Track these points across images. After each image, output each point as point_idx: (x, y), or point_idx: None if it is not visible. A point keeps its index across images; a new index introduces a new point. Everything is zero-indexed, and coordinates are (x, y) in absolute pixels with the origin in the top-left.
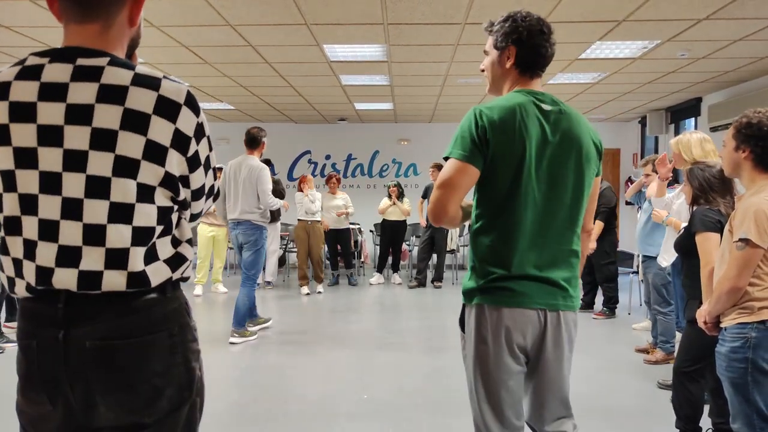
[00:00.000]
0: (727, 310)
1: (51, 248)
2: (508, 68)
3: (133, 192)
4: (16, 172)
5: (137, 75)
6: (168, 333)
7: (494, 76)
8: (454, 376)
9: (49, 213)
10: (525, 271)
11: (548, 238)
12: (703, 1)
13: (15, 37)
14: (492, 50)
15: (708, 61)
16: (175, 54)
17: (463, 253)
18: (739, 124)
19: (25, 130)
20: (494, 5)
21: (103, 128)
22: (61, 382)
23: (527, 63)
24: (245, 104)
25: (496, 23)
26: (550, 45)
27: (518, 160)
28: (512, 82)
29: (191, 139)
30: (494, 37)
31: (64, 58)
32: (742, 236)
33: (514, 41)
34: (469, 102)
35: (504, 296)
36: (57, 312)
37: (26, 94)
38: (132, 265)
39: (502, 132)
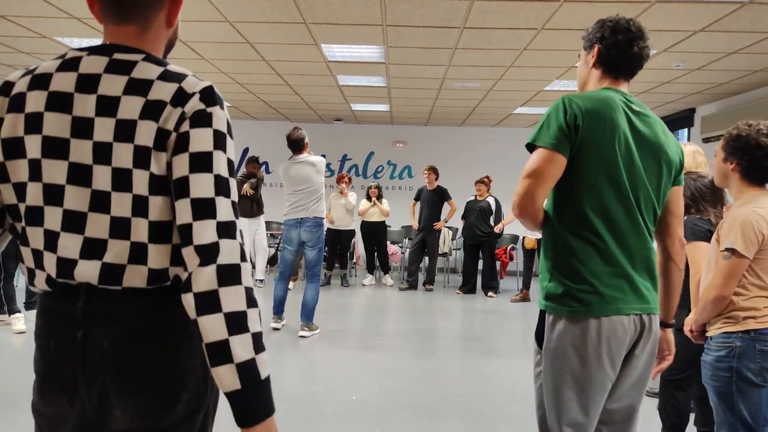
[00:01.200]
0: (713, 319)
1: (75, 240)
2: (592, 66)
3: (146, 183)
4: (43, 161)
5: (166, 71)
6: (187, 336)
7: (581, 76)
8: (444, 378)
9: (76, 204)
10: (621, 271)
11: (636, 237)
12: (698, 13)
13: (9, 27)
14: (582, 52)
15: (702, 73)
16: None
17: (455, 256)
18: (729, 136)
19: (60, 120)
20: (493, 11)
21: (125, 119)
22: (79, 383)
23: (610, 61)
24: (242, 102)
25: (588, 29)
26: (638, 45)
27: (608, 149)
28: (596, 81)
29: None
30: (584, 40)
31: (102, 52)
32: (728, 246)
33: (598, 39)
34: (466, 106)
35: (603, 303)
36: (76, 310)
37: (65, 85)
38: (152, 262)
39: (593, 120)
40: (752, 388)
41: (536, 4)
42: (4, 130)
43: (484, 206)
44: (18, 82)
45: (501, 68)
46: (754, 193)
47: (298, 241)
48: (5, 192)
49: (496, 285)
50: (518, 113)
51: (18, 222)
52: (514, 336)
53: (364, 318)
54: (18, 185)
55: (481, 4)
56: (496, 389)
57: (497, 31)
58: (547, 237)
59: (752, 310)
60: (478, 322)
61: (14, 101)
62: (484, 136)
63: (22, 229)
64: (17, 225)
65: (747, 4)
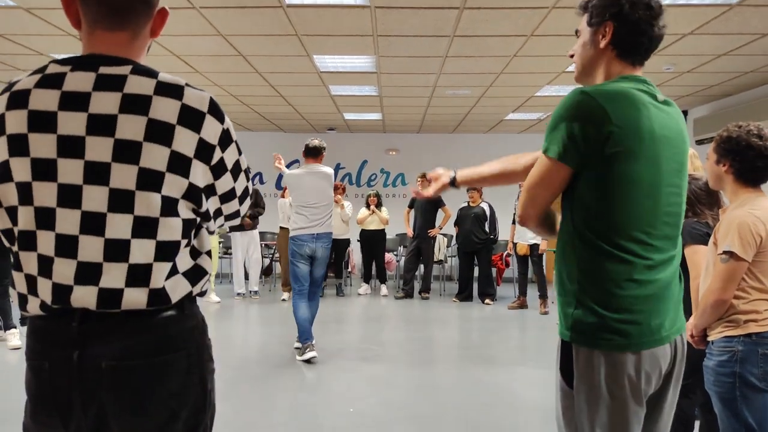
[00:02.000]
0: (713, 323)
1: (69, 265)
2: (603, 48)
3: (157, 205)
4: (33, 184)
5: (160, 83)
6: (185, 353)
7: (585, 59)
8: (442, 390)
9: (68, 228)
10: (659, 294)
11: (669, 251)
12: (687, 16)
13: (7, 45)
14: (585, 28)
15: (693, 75)
16: (166, 63)
17: (451, 264)
18: (720, 138)
19: (44, 141)
20: (483, 19)
21: (127, 140)
22: (74, 403)
23: (628, 43)
24: (235, 113)
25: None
26: (658, 26)
27: (643, 158)
28: (608, 66)
29: (215, 147)
30: (589, 12)
31: (87, 67)
32: (726, 249)
33: (612, 15)
34: (458, 113)
35: (642, 336)
36: (71, 330)
37: (46, 103)
38: (154, 281)
39: (625, 125)
40: (756, 393)
41: (525, 11)
42: None
43: (479, 212)
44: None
45: (492, 75)
46: (749, 194)
47: (310, 255)
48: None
49: (493, 292)
50: (510, 119)
51: (13, 246)
52: (512, 344)
53: (361, 328)
54: (10, 209)
55: (471, 12)
56: (495, 399)
57: (487, 39)
58: (572, 257)
59: (753, 313)
60: (476, 330)
61: None
62: (477, 143)
63: (15, 254)
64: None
65: (735, 7)
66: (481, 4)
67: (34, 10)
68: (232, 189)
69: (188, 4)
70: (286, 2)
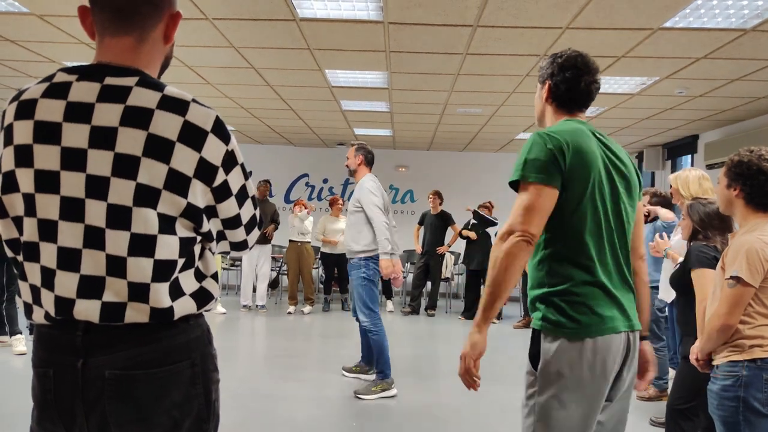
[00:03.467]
0: (719, 347)
1: (71, 278)
2: (545, 101)
3: (154, 222)
4: (36, 196)
5: (164, 97)
6: (190, 363)
7: (537, 110)
8: (447, 406)
9: (70, 241)
10: (611, 292)
11: (619, 258)
12: (701, 40)
13: (19, 51)
14: (538, 85)
15: (705, 99)
16: (178, 74)
17: (458, 281)
18: (731, 162)
19: (48, 152)
20: (496, 37)
21: (126, 154)
22: (77, 411)
23: (562, 98)
24: (245, 126)
25: (543, 61)
26: (585, 81)
27: (592, 177)
28: (552, 114)
29: (218, 168)
30: (538, 74)
31: (93, 77)
32: (733, 274)
33: (548, 76)
34: (468, 131)
35: (598, 324)
36: (76, 339)
37: (52, 113)
38: (154, 300)
39: (576, 151)
40: (759, 418)
41: (538, 31)
42: (3, 163)
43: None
44: (8, 110)
45: (504, 94)
46: (759, 219)
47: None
48: (6, 226)
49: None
50: (521, 139)
51: (18, 256)
52: (518, 363)
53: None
54: (16, 219)
55: (484, 30)
56: (500, 417)
57: (500, 58)
58: (539, 261)
59: (758, 338)
60: None
61: (6, 133)
62: (487, 162)
63: (20, 264)
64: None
65: (749, 32)
66: (495, 23)
67: (47, 17)
68: (237, 215)
69: (201, 15)
70: (299, 16)
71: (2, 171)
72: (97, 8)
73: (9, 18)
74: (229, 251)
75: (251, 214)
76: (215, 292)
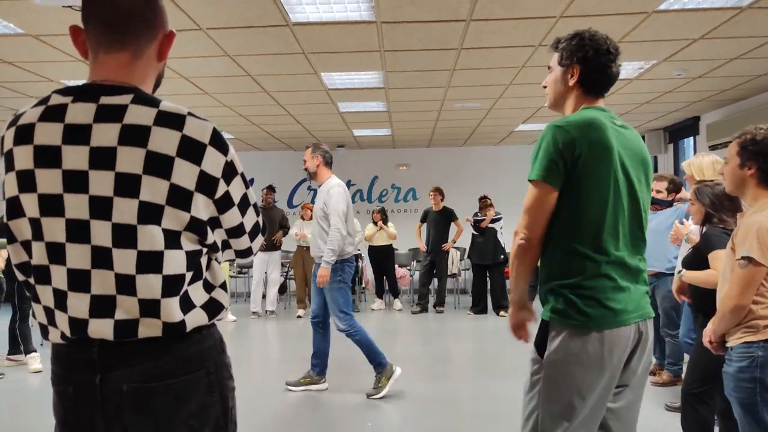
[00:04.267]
0: (732, 329)
1: (83, 299)
2: (571, 86)
3: (160, 239)
4: (42, 220)
5: (160, 113)
6: (205, 372)
7: (556, 93)
8: (460, 401)
9: (78, 263)
10: (623, 284)
11: (632, 249)
12: (697, 21)
13: (17, 72)
14: (556, 67)
15: (705, 80)
16: (175, 85)
17: (464, 277)
18: (744, 140)
19: (50, 176)
20: (490, 30)
21: (127, 173)
22: (98, 427)
23: (592, 82)
24: (245, 133)
25: (563, 40)
26: (615, 65)
27: (608, 171)
28: (576, 100)
29: (219, 180)
30: (559, 53)
31: (87, 97)
32: (744, 254)
33: (579, 59)
34: (467, 126)
35: (607, 317)
36: (92, 356)
37: (50, 137)
38: (165, 315)
39: (591, 145)
40: None
41: (532, 21)
42: (6, 189)
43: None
44: (6, 136)
45: (500, 87)
46: None
47: None
48: (16, 251)
49: (507, 304)
50: (520, 131)
51: (29, 279)
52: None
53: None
54: (24, 243)
55: (478, 24)
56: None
57: (495, 50)
58: (550, 255)
59: None
60: (491, 343)
61: (7, 159)
62: (487, 155)
63: (32, 287)
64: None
65: (745, 10)
66: (488, 16)
67: (43, 37)
68: (241, 224)
69: (194, 26)
70: (291, 20)
71: (6, 197)
72: (91, 24)
73: (5, 40)
74: (235, 259)
75: (254, 222)
76: (225, 301)
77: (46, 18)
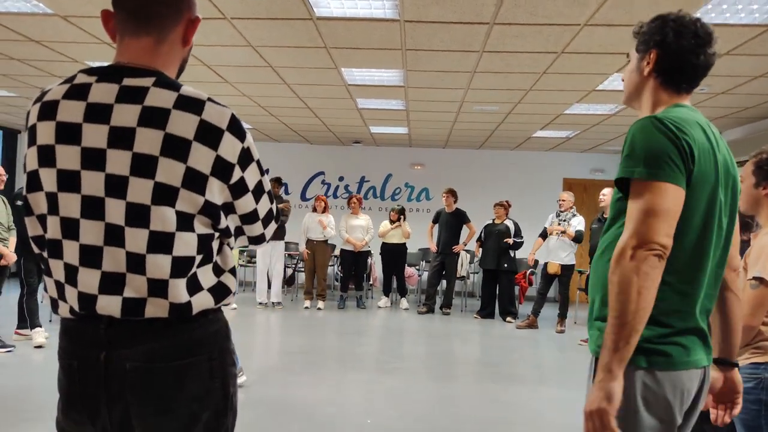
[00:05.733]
0: (740, 349)
1: (93, 275)
2: (646, 75)
3: (172, 220)
4: (59, 194)
5: (180, 97)
6: (208, 356)
7: (631, 85)
8: (462, 404)
9: (91, 239)
10: (697, 323)
11: (716, 281)
12: (723, 36)
13: (43, 51)
14: (633, 54)
15: (727, 97)
16: (197, 72)
17: (473, 280)
18: (760, 160)
19: (69, 152)
20: (513, 35)
21: (144, 153)
22: (100, 403)
23: (671, 71)
24: (262, 124)
25: (645, 25)
26: (705, 54)
27: (712, 184)
28: (654, 92)
29: (234, 165)
30: (638, 39)
31: (111, 78)
32: (756, 275)
33: (657, 43)
34: (485, 129)
35: (681, 356)
36: (99, 332)
37: (73, 114)
38: (173, 296)
39: (701, 150)
40: None
41: (556, 28)
42: (27, 163)
43: (503, 229)
44: (31, 111)
45: (520, 91)
46: None
47: None
48: (32, 223)
49: (515, 310)
50: (538, 136)
51: (43, 252)
52: (533, 363)
53: (381, 341)
54: (40, 217)
55: (501, 28)
56: (514, 416)
57: (517, 55)
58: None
59: None
60: (496, 348)
61: (30, 133)
62: (503, 159)
63: (45, 260)
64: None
65: None
66: (512, 20)
67: (71, 18)
68: (254, 210)
69: (220, 15)
70: (316, 15)
71: (27, 170)
72: (119, 8)
73: (34, 19)
74: (248, 245)
75: (268, 209)
76: (233, 286)
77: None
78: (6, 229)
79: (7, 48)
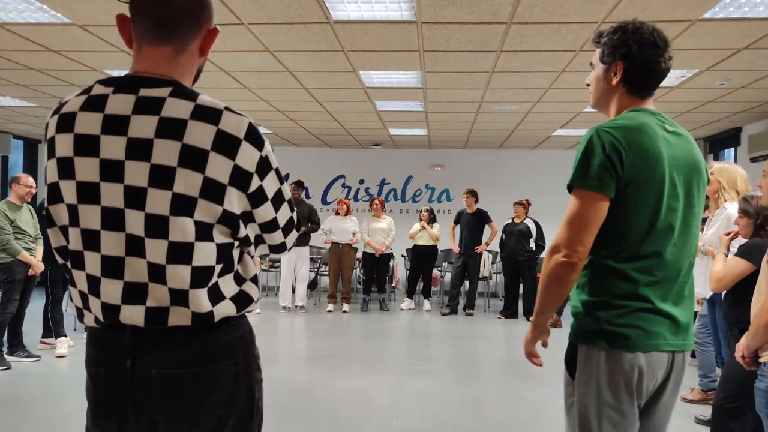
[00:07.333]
0: (766, 344)
1: (116, 285)
2: (615, 85)
3: (191, 230)
4: (79, 206)
5: (197, 107)
6: (233, 362)
7: (599, 93)
8: (487, 406)
9: (112, 250)
10: (663, 308)
11: (679, 270)
12: (742, 30)
13: (63, 61)
14: (598, 64)
15: (747, 91)
16: (215, 78)
17: (495, 281)
18: None
19: (88, 164)
20: (530, 34)
21: (162, 165)
22: (127, 409)
23: (637, 80)
24: (282, 128)
25: (605, 35)
26: (664, 60)
27: (655, 185)
28: (620, 100)
29: (252, 174)
30: (601, 49)
31: (128, 89)
32: None
33: (622, 56)
34: (504, 129)
35: (639, 338)
36: (124, 341)
37: (90, 126)
38: (195, 305)
39: (637, 154)
40: None
41: (573, 26)
42: (48, 175)
43: (523, 229)
44: (50, 123)
45: (539, 90)
46: None
47: None
48: (55, 235)
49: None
50: (557, 135)
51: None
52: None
53: (405, 343)
54: (62, 228)
55: (519, 27)
56: (539, 416)
57: (535, 54)
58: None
59: None
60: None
61: (50, 145)
62: (523, 159)
63: (69, 271)
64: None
65: None
66: (529, 19)
67: (88, 27)
68: (274, 219)
69: (237, 21)
70: (332, 18)
71: (48, 182)
72: (141, 18)
73: (52, 29)
74: (269, 254)
75: (288, 217)
76: (255, 294)
77: (93, 8)
78: (33, 239)
79: (26, 58)
